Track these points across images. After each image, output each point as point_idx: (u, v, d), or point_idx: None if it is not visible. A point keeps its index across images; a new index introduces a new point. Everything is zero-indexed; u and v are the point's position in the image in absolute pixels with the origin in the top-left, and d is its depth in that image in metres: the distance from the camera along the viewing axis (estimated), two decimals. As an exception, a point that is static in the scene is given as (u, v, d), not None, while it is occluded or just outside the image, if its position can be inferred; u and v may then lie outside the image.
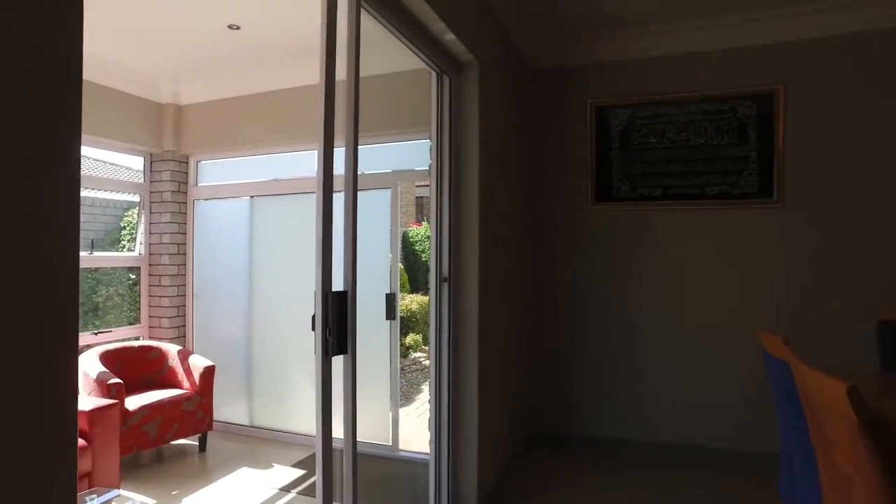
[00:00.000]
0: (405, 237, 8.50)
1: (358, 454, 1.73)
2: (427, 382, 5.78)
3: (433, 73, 2.49)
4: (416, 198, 11.77)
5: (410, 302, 6.91)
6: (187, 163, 4.26)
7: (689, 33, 3.39)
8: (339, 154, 1.64)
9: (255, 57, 3.69)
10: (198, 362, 3.65)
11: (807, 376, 1.27)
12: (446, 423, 2.55)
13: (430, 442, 2.57)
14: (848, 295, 3.09)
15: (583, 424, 3.62)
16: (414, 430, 4.28)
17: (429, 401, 2.63)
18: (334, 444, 1.59)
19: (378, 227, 3.49)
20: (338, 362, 1.63)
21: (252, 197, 4.04)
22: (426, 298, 6.86)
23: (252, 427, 3.99)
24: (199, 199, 4.24)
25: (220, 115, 4.09)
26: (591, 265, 3.62)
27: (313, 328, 1.57)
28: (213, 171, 4.27)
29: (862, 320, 2.61)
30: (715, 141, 3.38)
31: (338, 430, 1.63)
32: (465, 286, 2.61)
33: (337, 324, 1.57)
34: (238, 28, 3.24)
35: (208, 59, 3.74)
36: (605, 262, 3.59)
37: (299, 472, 3.31)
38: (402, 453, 3.49)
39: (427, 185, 2.63)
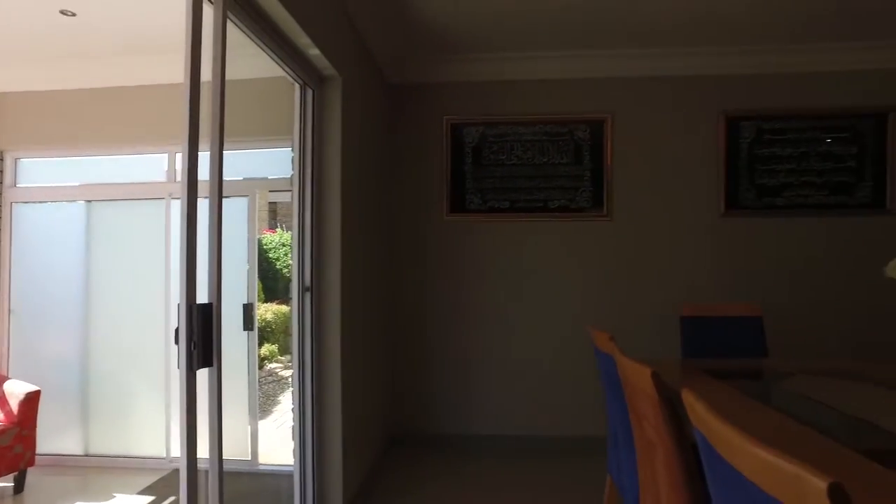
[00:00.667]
0: (259, 245, 8.17)
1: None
2: (284, 394, 5.63)
3: (297, 85, 2.51)
4: (269, 203, 11.36)
5: (265, 311, 6.67)
6: (2, 160, 3.73)
7: (535, 62, 3.78)
8: (202, 159, 1.62)
9: (92, 49, 3.37)
10: (16, 388, 3.22)
11: (624, 364, 1.55)
12: (310, 432, 2.57)
13: (293, 452, 2.57)
14: (660, 295, 3.67)
15: (444, 423, 3.83)
16: (273, 442, 4.17)
17: (292, 409, 2.63)
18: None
19: (235, 235, 3.38)
20: (199, 376, 1.60)
21: (89, 201, 3.66)
22: (282, 307, 6.67)
23: (88, 456, 3.59)
24: (18, 202, 3.73)
25: (49, 108, 3.65)
26: (447, 272, 3.86)
27: (176, 342, 1.53)
28: (38, 171, 3.79)
29: (670, 317, 3.12)
30: (556, 160, 3.79)
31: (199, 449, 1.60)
32: (327, 295, 2.65)
33: (202, 336, 1.55)
34: (73, 15, 2.95)
35: (35, 46, 3.34)
36: (460, 269, 3.85)
37: (146, 500, 3.07)
38: (262, 467, 3.40)
39: (282, 191, 2.64)
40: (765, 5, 3.05)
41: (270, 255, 8.16)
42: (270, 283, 7.86)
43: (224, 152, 1.71)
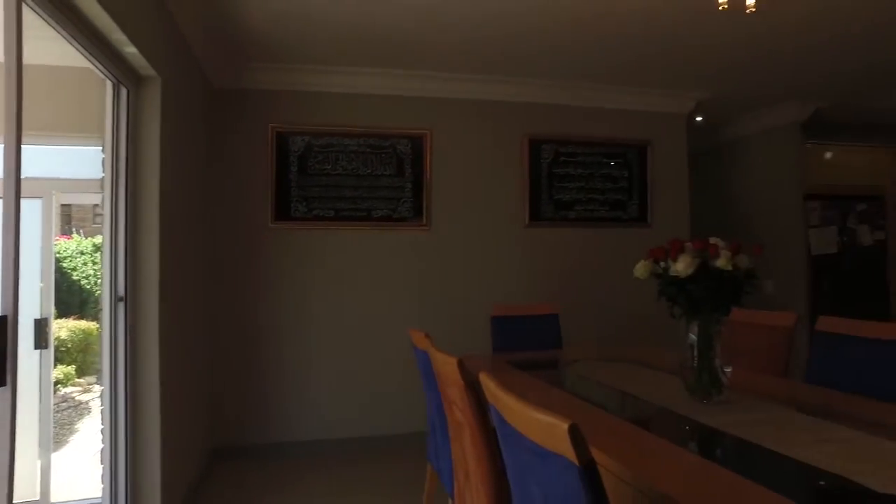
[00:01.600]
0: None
1: None
2: (84, 420, 5.02)
3: (109, 82, 2.35)
4: (64, 206, 9.93)
5: (60, 328, 5.86)
6: None
7: (361, 77, 3.95)
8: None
9: None
10: None
11: (436, 357, 1.77)
12: (123, 456, 2.40)
13: (102, 479, 2.38)
14: (474, 298, 4.05)
15: (275, 432, 3.78)
16: (70, 476, 3.72)
17: (101, 431, 2.43)
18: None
19: (27, 240, 2.99)
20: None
21: None
22: (81, 323, 5.93)
23: None
24: None
25: None
26: (273, 280, 3.83)
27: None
28: None
29: (482, 316, 3.48)
30: (379, 171, 3.99)
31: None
32: (144, 305, 2.51)
33: (-4, 353, 1.42)
34: None
35: None
36: (286, 276, 3.85)
37: None
38: (57, 504, 3.03)
39: (79, 193, 2.45)
40: (556, 52, 3.60)
41: (66, 265, 7.17)
42: (66, 296, 6.90)
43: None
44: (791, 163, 4.87)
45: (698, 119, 5.28)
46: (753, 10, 2.15)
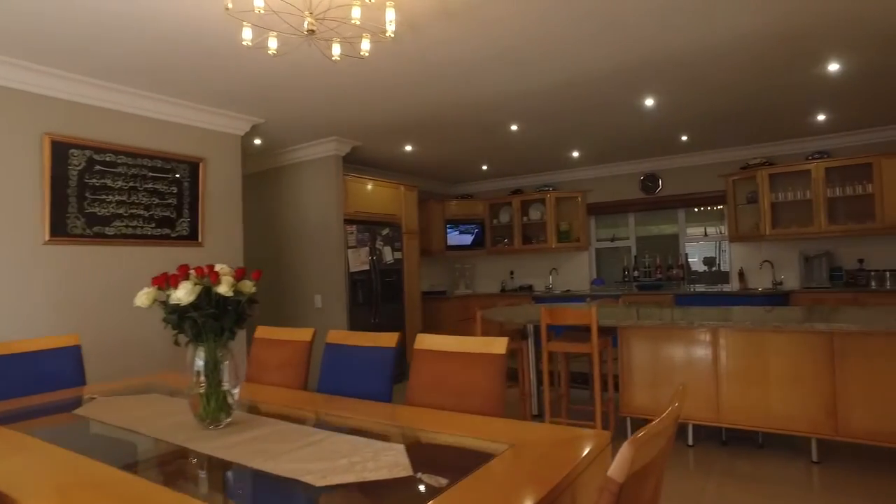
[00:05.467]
0: None
1: None
2: None
3: None
4: None
5: None
6: None
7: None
8: None
9: None
10: None
11: None
12: None
13: None
14: None
15: None
16: None
17: None
18: None
19: None
20: None
21: None
22: None
23: None
24: None
25: None
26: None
27: None
28: None
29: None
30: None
31: None
32: None
33: None
34: None
35: None
36: None
37: None
38: None
39: None
40: (94, 42, 3.14)
41: None
42: None
43: None
44: (335, 190, 5.59)
45: (257, 142, 5.51)
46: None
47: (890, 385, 3.08)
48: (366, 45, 2.53)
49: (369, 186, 6.10)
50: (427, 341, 2.31)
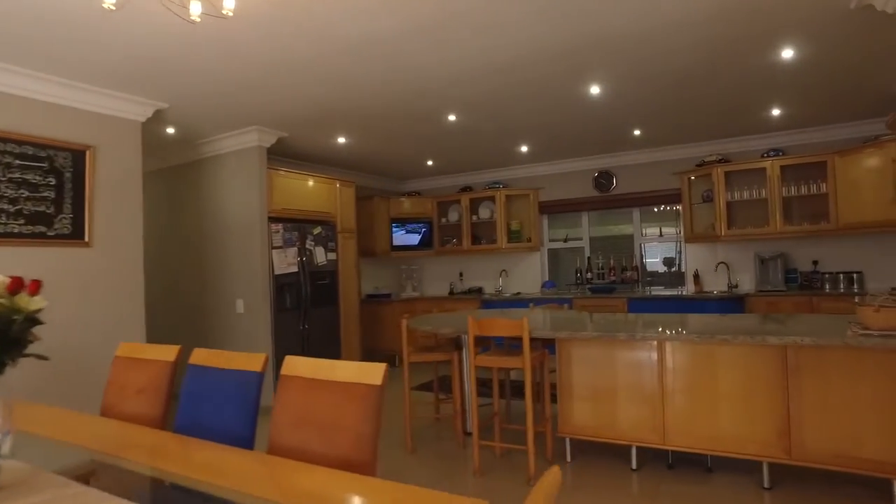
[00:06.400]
0: None
1: None
2: None
3: None
4: None
5: None
6: None
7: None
8: None
9: None
10: None
11: None
12: None
13: None
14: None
15: None
16: None
17: None
18: None
19: None
20: None
21: None
22: None
23: None
24: None
25: None
26: None
27: None
28: None
29: None
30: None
31: None
32: None
33: None
34: None
35: None
36: None
37: None
38: None
39: None
40: None
41: None
42: None
43: None
44: (257, 185, 5.07)
45: (170, 131, 4.95)
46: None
47: (846, 403, 2.76)
48: (229, 3, 2.06)
49: (299, 181, 5.58)
50: (295, 365, 1.85)
